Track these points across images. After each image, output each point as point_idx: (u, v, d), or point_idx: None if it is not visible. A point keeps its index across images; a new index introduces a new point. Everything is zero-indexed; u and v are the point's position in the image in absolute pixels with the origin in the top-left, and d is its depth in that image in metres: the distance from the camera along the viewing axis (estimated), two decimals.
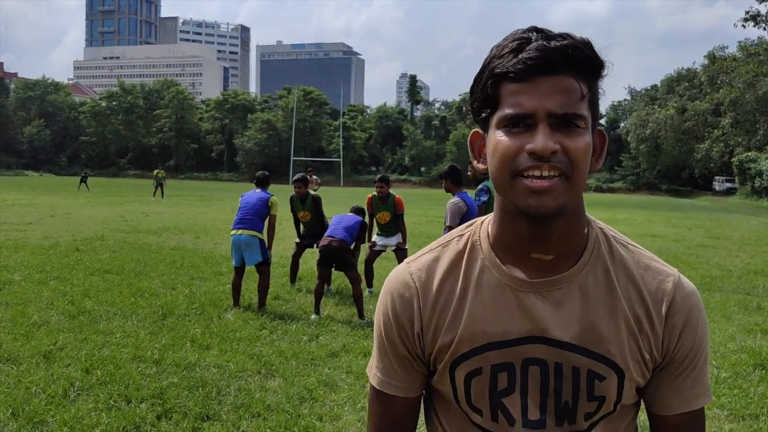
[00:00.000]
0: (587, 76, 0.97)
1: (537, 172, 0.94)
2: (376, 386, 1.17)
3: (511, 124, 0.96)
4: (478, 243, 1.11)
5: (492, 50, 1.00)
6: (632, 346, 1.04)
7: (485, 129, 1.03)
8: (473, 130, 1.10)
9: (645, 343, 1.04)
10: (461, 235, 1.14)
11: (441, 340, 1.09)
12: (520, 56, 0.95)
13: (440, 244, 1.15)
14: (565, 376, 1.04)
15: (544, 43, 0.94)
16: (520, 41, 0.96)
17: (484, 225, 1.13)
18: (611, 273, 1.05)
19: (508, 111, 0.96)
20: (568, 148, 0.94)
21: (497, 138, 0.97)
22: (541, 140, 0.92)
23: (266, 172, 7.83)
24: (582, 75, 0.96)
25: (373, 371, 1.18)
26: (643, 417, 1.22)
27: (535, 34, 0.97)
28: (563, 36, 0.96)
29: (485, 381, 1.07)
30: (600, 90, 1.01)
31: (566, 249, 1.04)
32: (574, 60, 0.95)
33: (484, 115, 1.01)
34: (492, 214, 1.10)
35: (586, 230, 1.07)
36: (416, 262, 1.15)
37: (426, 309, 1.10)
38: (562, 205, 0.96)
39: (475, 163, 1.09)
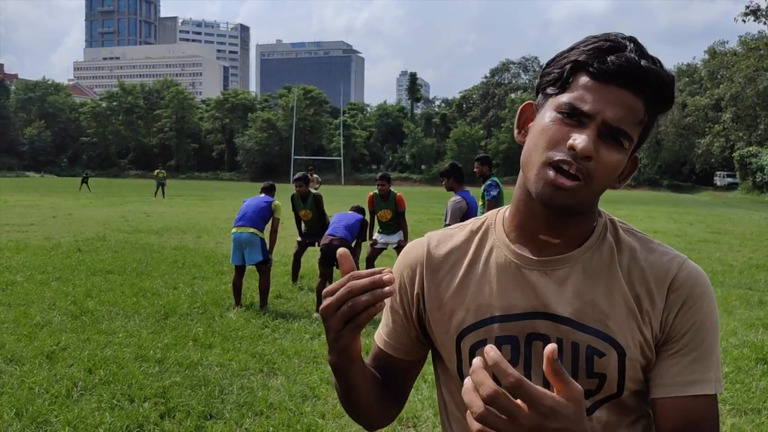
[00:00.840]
0: (655, 105, 0.99)
1: (566, 167, 0.96)
2: (375, 340, 1.23)
3: (567, 113, 0.98)
4: (493, 226, 1.16)
5: (587, 38, 1.02)
6: (632, 325, 1.04)
7: (542, 103, 1.05)
8: (527, 101, 1.11)
9: (645, 320, 1.04)
10: (478, 220, 1.19)
11: (444, 310, 1.13)
12: (608, 57, 0.97)
13: (458, 226, 1.21)
14: (565, 351, 1.05)
15: (636, 57, 0.96)
16: (615, 44, 0.98)
17: (500, 213, 1.17)
18: (615, 255, 1.08)
19: (570, 102, 0.98)
20: (600, 160, 0.96)
21: (548, 120, 1.00)
22: (583, 141, 0.94)
23: (272, 183, 7.89)
24: (651, 104, 0.98)
25: (378, 329, 1.24)
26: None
27: (631, 45, 0.99)
28: (654, 61, 0.98)
29: None
30: (657, 125, 1.03)
31: (573, 234, 1.08)
32: (652, 87, 0.97)
33: (549, 91, 1.03)
34: (510, 205, 1.14)
35: (595, 222, 1.10)
36: (435, 233, 1.21)
37: (429, 272, 1.15)
38: (572, 204, 0.99)
39: (516, 132, 1.11)
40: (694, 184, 65.36)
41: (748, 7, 49.38)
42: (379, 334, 1.22)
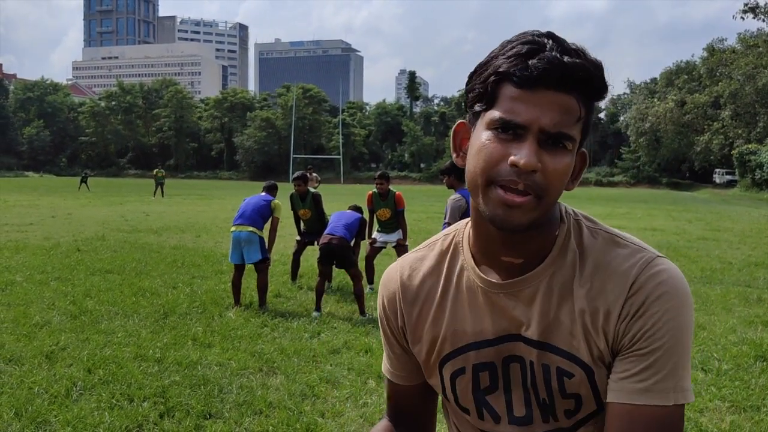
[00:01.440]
0: (589, 98, 0.95)
1: (513, 186, 0.92)
2: (384, 373, 1.26)
3: (501, 129, 0.94)
4: (461, 245, 1.13)
5: (502, 45, 0.97)
6: (589, 341, 1.01)
7: (473, 122, 1.01)
8: (459, 120, 1.07)
9: (600, 335, 1.00)
10: (446, 236, 1.17)
11: (424, 337, 1.14)
12: (530, 62, 0.92)
13: (427, 245, 1.19)
14: (537, 373, 1.05)
15: (557, 55, 0.91)
16: (533, 45, 0.93)
17: (467, 227, 1.13)
18: (577, 268, 1.03)
19: (501, 115, 0.93)
20: (547, 169, 0.92)
21: (484, 139, 0.95)
22: (525, 155, 0.90)
23: (275, 183, 7.86)
24: (584, 97, 0.94)
25: (383, 359, 1.27)
26: None
27: (550, 42, 0.93)
28: (577, 53, 0.93)
29: (468, 380, 1.10)
30: (594, 111, 0.99)
31: (534, 250, 1.04)
32: (581, 81, 0.92)
33: (477, 108, 0.98)
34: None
35: (557, 231, 1.05)
36: (404, 259, 1.20)
37: (406, 304, 1.15)
38: (529, 222, 0.95)
39: (454, 155, 1.06)
40: (693, 182, 65.41)
41: (746, 5, 49.40)
42: (386, 368, 1.25)
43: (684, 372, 0.98)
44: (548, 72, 0.91)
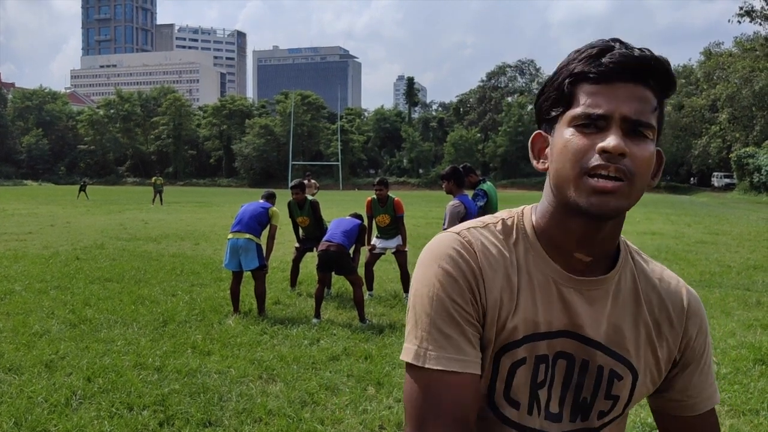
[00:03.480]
0: (660, 91, 1.00)
1: (604, 172, 0.95)
2: (437, 367, 0.99)
3: (583, 125, 0.97)
4: (523, 232, 1.10)
5: (571, 54, 1.02)
6: (647, 350, 1.10)
7: (550, 129, 1.04)
8: (535, 131, 1.09)
9: (663, 345, 1.10)
10: (503, 221, 1.11)
11: (499, 321, 1.04)
12: (602, 60, 0.97)
13: (483, 224, 1.11)
14: (590, 372, 1.08)
15: (627, 51, 0.97)
16: (602, 48, 0.99)
17: (527, 215, 1.11)
18: (637, 279, 1.11)
19: (583, 109, 0.97)
20: (634, 155, 0.95)
21: (567, 135, 0.98)
22: (613, 139, 0.94)
23: (273, 192, 7.87)
24: (657, 89, 0.99)
25: (425, 353, 1.00)
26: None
27: (617, 43, 0.99)
28: (644, 50, 0.99)
29: (528, 372, 1.07)
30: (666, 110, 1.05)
31: (605, 252, 1.07)
32: (653, 72, 0.97)
33: (554, 113, 1.02)
34: (534, 205, 1.12)
35: (618, 240, 1.11)
36: (467, 231, 1.08)
37: (489, 274, 1.04)
38: (621, 208, 0.97)
39: (534, 162, 1.09)
40: (691, 185, 65.51)
41: (741, 8, 49.57)
42: (451, 357, 1.00)
43: (713, 372, 1.19)
44: (622, 65, 0.96)
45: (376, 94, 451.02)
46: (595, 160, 0.95)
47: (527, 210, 1.13)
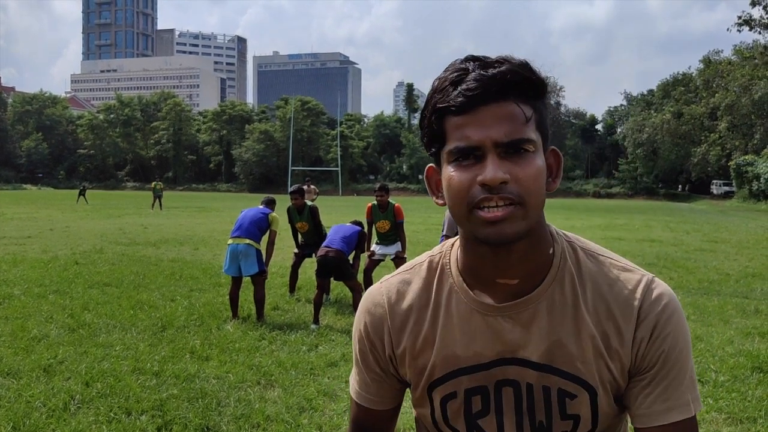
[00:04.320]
0: (530, 98, 0.97)
1: (491, 203, 0.93)
2: (354, 398, 1.22)
3: (460, 158, 0.96)
4: (448, 267, 1.12)
5: (434, 84, 1.00)
6: (600, 364, 1.03)
7: (438, 163, 1.03)
8: (428, 165, 1.09)
9: (614, 358, 1.03)
10: (431, 259, 1.16)
11: (415, 363, 1.11)
12: (459, 88, 0.95)
13: (410, 267, 1.18)
14: (536, 396, 1.05)
15: (482, 72, 0.94)
16: (459, 72, 0.96)
17: (454, 249, 1.13)
18: (578, 290, 1.04)
19: (455, 145, 0.96)
20: (518, 177, 0.93)
21: (449, 173, 0.98)
22: (490, 171, 0.92)
23: (273, 198, 7.88)
24: (524, 98, 0.96)
25: (352, 383, 1.23)
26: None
27: (472, 63, 0.97)
28: (500, 61, 0.96)
29: (460, 404, 1.09)
30: (546, 107, 1.01)
31: (530, 271, 1.04)
32: (513, 85, 0.94)
33: (434, 149, 1.02)
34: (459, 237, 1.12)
35: (551, 249, 1.06)
36: (388, 282, 1.18)
37: (395, 330, 1.13)
38: (518, 232, 0.95)
39: (434, 198, 1.08)
40: (690, 193, 65.60)
41: (740, 17, 49.76)
42: (357, 392, 1.21)
43: (694, 383, 1.06)
44: (478, 89, 0.94)
45: (376, 100, 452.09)
46: (480, 193, 0.94)
47: (456, 243, 1.13)
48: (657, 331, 1.02)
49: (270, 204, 7.65)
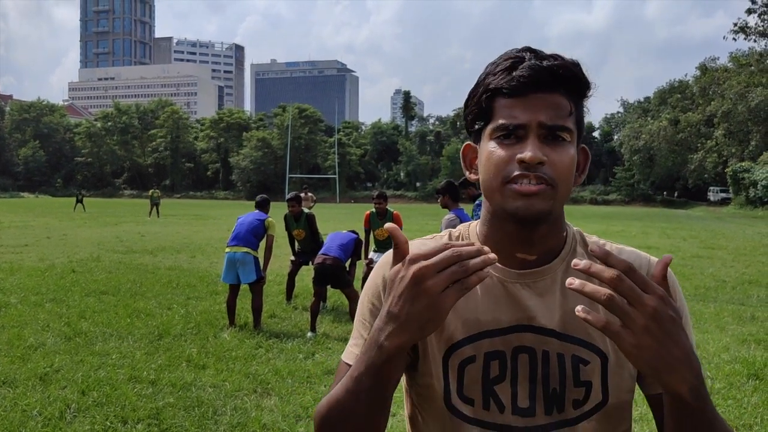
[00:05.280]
0: (575, 94, 1.04)
1: (525, 180, 0.99)
2: (348, 361, 1.11)
3: (503, 136, 1.02)
4: (467, 238, 1.17)
5: (487, 67, 1.07)
6: None
7: (477, 141, 1.10)
8: (465, 143, 1.16)
9: None
10: (451, 233, 1.21)
11: None
12: (513, 74, 1.01)
13: (430, 237, 1.22)
14: (552, 362, 1.08)
15: (537, 62, 1.01)
16: (514, 60, 1.03)
17: (472, 227, 1.19)
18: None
19: (501, 122, 1.02)
20: (553, 162, 1.00)
21: (490, 148, 1.04)
22: (530, 150, 0.98)
23: (266, 196, 7.88)
24: (570, 93, 1.03)
25: (349, 350, 1.13)
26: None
27: (528, 53, 1.03)
28: (554, 57, 1.03)
29: (479, 369, 1.09)
30: (585, 109, 1.08)
31: (547, 249, 1.11)
32: (563, 79, 1.01)
33: (477, 126, 1.08)
34: (478, 220, 1.17)
35: (564, 234, 1.14)
36: (412, 243, 1.15)
37: None
38: (546, 210, 1.01)
39: (467, 173, 1.14)
40: (687, 200, 65.60)
41: (736, 24, 49.99)
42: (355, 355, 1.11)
43: (693, 343, 1.07)
44: (532, 77, 1.00)
45: (375, 107, 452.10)
46: (516, 169, 1.00)
47: (474, 224, 1.19)
48: (669, 292, 1.05)
49: (264, 205, 7.63)
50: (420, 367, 1.13)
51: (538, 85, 1.00)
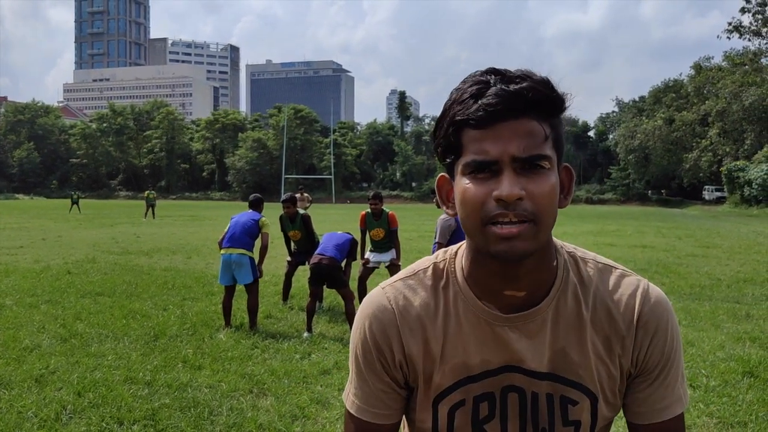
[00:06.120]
0: (549, 115, 0.97)
1: (505, 219, 0.94)
2: (354, 413, 1.14)
3: (476, 171, 0.96)
4: (453, 275, 1.12)
5: (452, 95, 1.00)
6: (600, 370, 1.07)
7: (451, 174, 1.03)
8: (440, 174, 1.09)
9: (615, 362, 1.07)
10: (435, 265, 1.15)
11: (425, 371, 1.10)
12: (480, 102, 0.94)
13: (414, 272, 1.15)
14: (540, 403, 1.07)
15: (503, 87, 0.94)
16: (479, 86, 0.96)
17: (458, 258, 1.13)
18: (580, 298, 1.08)
19: (472, 158, 0.96)
20: (533, 194, 0.94)
21: (464, 185, 0.97)
22: (506, 187, 0.93)
23: (260, 195, 7.87)
24: (543, 115, 0.96)
25: (350, 398, 1.15)
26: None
27: (493, 77, 0.97)
28: (522, 77, 0.96)
29: (468, 411, 1.09)
30: (562, 124, 1.01)
31: (537, 284, 1.06)
32: (533, 102, 0.94)
33: (448, 161, 1.01)
34: (464, 245, 1.12)
35: (554, 262, 1.08)
36: (391, 287, 1.14)
37: (406, 335, 1.10)
38: (530, 249, 0.96)
39: (444, 208, 1.08)
40: (682, 199, 65.82)
41: (730, 24, 50.14)
42: (358, 406, 1.14)
43: (684, 379, 1.13)
44: (499, 104, 0.93)
45: (371, 108, 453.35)
46: (495, 208, 0.94)
47: (460, 251, 1.13)
48: (659, 334, 1.07)
49: (258, 205, 7.63)
50: (414, 407, 1.14)
51: (506, 112, 0.93)
